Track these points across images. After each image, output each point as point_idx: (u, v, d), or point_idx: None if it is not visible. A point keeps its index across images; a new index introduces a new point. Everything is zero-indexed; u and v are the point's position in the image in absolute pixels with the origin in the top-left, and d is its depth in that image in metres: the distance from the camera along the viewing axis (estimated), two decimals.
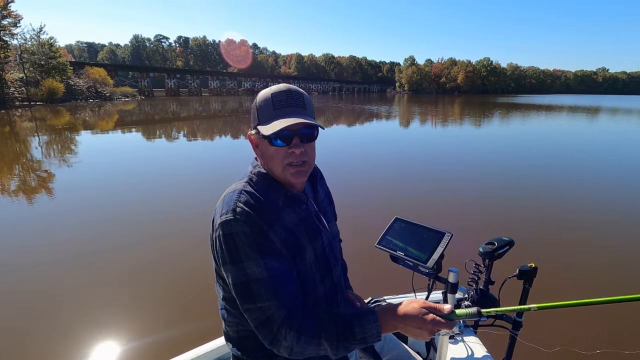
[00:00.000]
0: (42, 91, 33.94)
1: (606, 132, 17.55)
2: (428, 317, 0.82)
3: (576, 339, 2.73)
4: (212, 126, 18.59)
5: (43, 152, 10.67)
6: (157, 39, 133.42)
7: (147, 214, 5.29)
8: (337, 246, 1.19)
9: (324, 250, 1.06)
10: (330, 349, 0.85)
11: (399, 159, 9.95)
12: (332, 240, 1.12)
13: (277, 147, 0.92)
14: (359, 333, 0.85)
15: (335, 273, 1.11)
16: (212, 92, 74.39)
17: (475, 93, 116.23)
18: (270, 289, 0.85)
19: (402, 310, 0.85)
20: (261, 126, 0.92)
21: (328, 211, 1.18)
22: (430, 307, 0.83)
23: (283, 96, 0.92)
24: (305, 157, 0.94)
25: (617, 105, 47.34)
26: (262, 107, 0.93)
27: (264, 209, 0.91)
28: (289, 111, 0.91)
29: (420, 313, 0.82)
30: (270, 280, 0.86)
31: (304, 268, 0.98)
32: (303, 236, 0.99)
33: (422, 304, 0.84)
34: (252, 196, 0.91)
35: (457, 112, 30.24)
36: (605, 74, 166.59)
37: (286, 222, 0.95)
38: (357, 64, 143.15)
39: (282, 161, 0.93)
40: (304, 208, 1.03)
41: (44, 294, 3.24)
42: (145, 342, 2.63)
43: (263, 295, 0.85)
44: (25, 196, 6.21)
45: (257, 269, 0.85)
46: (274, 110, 0.91)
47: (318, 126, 0.94)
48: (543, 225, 4.94)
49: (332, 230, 1.14)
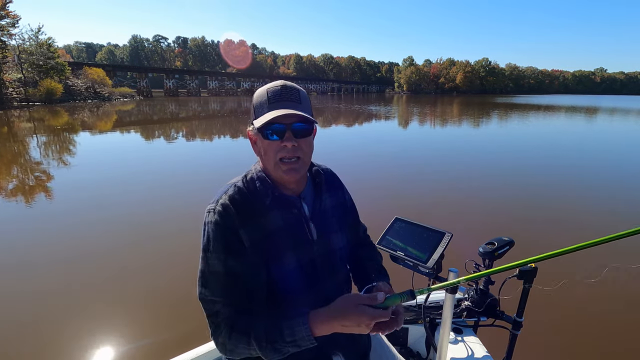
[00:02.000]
0: (40, 91, 33.86)
1: (606, 133, 17.59)
2: (362, 311, 0.78)
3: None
4: (211, 126, 18.57)
5: (41, 152, 10.63)
6: (156, 40, 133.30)
7: (147, 215, 5.28)
8: (334, 259, 1.09)
9: (312, 260, 1.01)
10: (258, 349, 0.85)
11: (398, 159, 9.95)
12: (328, 252, 1.05)
13: (271, 141, 0.91)
14: (288, 335, 0.82)
15: (325, 285, 1.04)
16: (211, 93, 74.36)
17: (474, 93, 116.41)
18: (221, 285, 0.89)
19: (335, 310, 0.82)
20: (255, 120, 0.92)
21: (333, 222, 1.10)
22: (363, 300, 0.80)
23: (278, 90, 0.92)
24: (298, 152, 0.92)
25: (615, 106, 47.48)
26: (257, 102, 0.93)
27: (245, 207, 0.92)
28: (283, 104, 0.90)
29: (353, 309, 0.79)
30: (225, 277, 0.89)
31: (280, 274, 0.95)
32: (285, 241, 0.96)
33: (355, 299, 0.81)
34: (239, 192, 0.94)
35: (456, 112, 30.28)
36: (603, 75, 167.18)
37: (268, 223, 0.94)
38: (356, 64, 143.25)
39: (274, 156, 0.91)
40: (295, 212, 0.99)
41: (43, 294, 3.23)
42: (146, 342, 2.62)
43: (215, 290, 0.89)
44: (22, 197, 6.19)
45: (217, 262, 0.89)
46: (269, 104, 0.91)
47: (313, 121, 0.92)
48: (543, 225, 4.95)
49: (331, 242, 1.07)
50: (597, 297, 3.25)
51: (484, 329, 1.68)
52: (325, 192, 1.10)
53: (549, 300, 3.10)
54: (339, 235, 1.10)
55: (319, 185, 1.07)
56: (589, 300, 3.19)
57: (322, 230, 1.04)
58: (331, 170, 1.19)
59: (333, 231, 1.08)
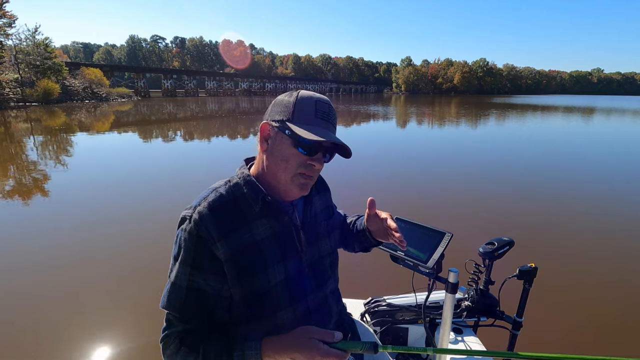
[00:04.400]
0: (37, 92, 33.69)
1: (604, 134, 17.64)
2: (316, 346, 0.75)
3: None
4: (209, 127, 18.53)
5: (38, 153, 10.58)
6: (154, 40, 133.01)
7: (146, 215, 5.25)
8: (323, 267, 1.04)
9: (299, 271, 0.96)
10: None
11: (398, 159, 9.96)
12: (317, 261, 1.01)
13: (299, 153, 0.86)
14: (237, 357, 0.79)
15: (311, 298, 0.99)
16: (209, 93, 74.18)
17: (471, 93, 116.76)
18: (180, 299, 0.85)
19: (289, 341, 0.78)
20: (295, 125, 0.85)
21: (322, 227, 1.07)
22: (319, 335, 0.77)
23: (326, 108, 0.90)
24: (317, 173, 0.92)
25: (612, 106, 47.72)
26: (303, 107, 0.87)
27: (227, 215, 0.86)
28: (328, 126, 0.89)
29: (306, 342, 0.76)
30: (186, 292, 0.85)
31: (262, 288, 0.89)
32: (272, 252, 0.90)
33: (310, 332, 0.78)
34: (220, 198, 0.88)
35: (454, 112, 30.35)
36: (600, 75, 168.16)
37: (254, 233, 0.88)
38: (354, 64, 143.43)
39: (296, 168, 0.87)
40: (286, 220, 0.93)
41: (42, 295, 3.21)
42: (145, 342, 2.61)
43: (174, 302, 0.86)
44: (19, 197, 6.15)
45: (182, 275, 0.85)
46: (315, 117, 0.87)
47: (348, 152, 0.92)
48: (543, 226, 4.95)
49: (321, 249, 1.03)
50: (597, 298, 3.25)
51: (484, 329, 1.68)
52: (314, 196, 1.07)
53: (549, 300, 3.11)
54: (327, 240, 1.07)
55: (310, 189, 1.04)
56: (589, 301, 3.20)
57: (311, 237, 1.00)
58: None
59: (322, 237, 1.05)
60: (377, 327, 1.76)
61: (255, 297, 0.89)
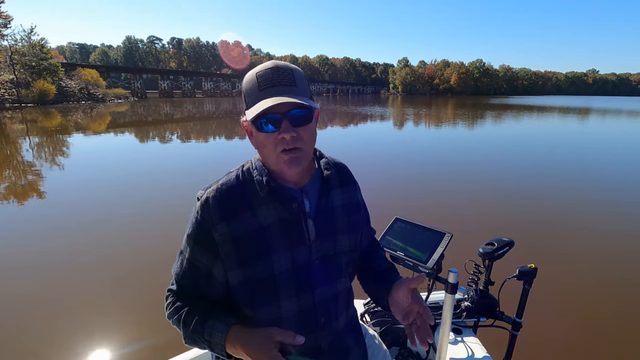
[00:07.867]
0: (33, 93, 33.49)
1: (602, 134, 17.75)
2: (269, 350, 0.75)
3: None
4: (207, 128, 18.47)
5: (34, 154, 10.50)
6: (150, 40, 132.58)
7: (145, 215, 5.22)
8: (337, 264, 0.97)
9: (307, 263, 0.90)
10: (181, 332, 0.88)
11: (398, 159, 9.96)
12: (330, 256, 0.95)
13: (267, 133, 0.81)
14: (206, 334, 0.83)
15: (318, 293, 0.93)
16: (206, 94, 74.02)
17: (468, 94, 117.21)
18: (182, 267, 0.92)
19: (250, 336, 0.79)
20: (249, 110, 0.82)
21: (341, 222, 0.98)
22: (280, 337, 0.76)
23: (269, 74, 0.81)
24: (298, 142, 0.82)
25: (607, 107, 48.06)
26: (247, 89, 0.83)
27: (232, 199, 0.88)
28: (276, 90, 0.79)
29: (263, 343, 0.76)
30: (186, 263, 0.91)
31: (265, 273, 0.87)
32: (277, 239, 0.87)
33: (272, 334, 0.77)
34: (229, 182, 0.91)
35: (451, 113, 30.44)
36: (595, 76, 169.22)
37: (259, 218, 0.86)
38: (351, 65, 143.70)
39: (274, 148, 0.82)
40: (294, 207, 0.88)
41: (41, 295, 3.18)
42: (146, 342, 2.59)
43: (177, 268, 0.94)
44: (15, 199, 6.10)
45: (186, 246, 0.92)
46: (259, 91, 0.80)
47: (311, 106, 0.81)
48: (543, 226, 4.96)
49: (336, 245, 0.96)
50: (597, 298, 3.26)
51: (484, 329, 1.67)
52: (335, 189, 0.99)
53: (549, 301, 3.11)
54: (346, 237, 0.98)
55: (327, 179, 0.96)
56: (589, 301, 3.20)
57: (324, 230, 0.93)
58: (345, 165, 1.08)
59: (340, 232, 0.97)
60: (377, 328, 1.75)
61: (256, 281, 0.88)
